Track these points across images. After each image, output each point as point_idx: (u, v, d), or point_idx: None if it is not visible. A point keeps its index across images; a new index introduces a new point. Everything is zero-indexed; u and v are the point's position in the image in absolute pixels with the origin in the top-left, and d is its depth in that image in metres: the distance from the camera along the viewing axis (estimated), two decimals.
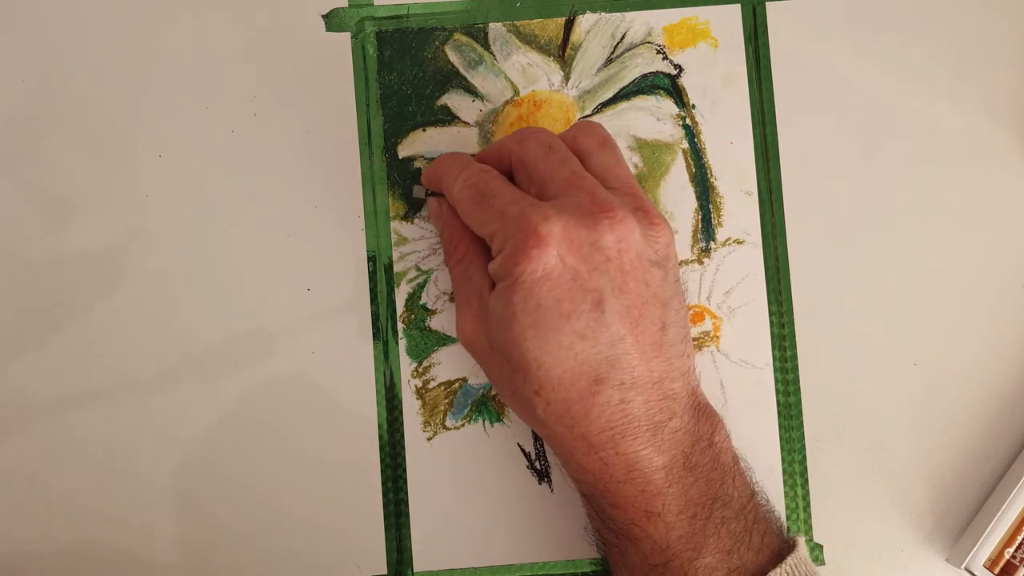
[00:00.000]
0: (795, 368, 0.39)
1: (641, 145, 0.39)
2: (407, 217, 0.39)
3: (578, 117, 0.39)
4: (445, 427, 0.38)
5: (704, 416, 0.33)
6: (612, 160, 0.34)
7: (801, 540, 0.33)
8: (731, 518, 0.32)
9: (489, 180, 0.33)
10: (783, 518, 0.38)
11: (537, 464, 0.38)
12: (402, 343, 0.39)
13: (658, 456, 0.31)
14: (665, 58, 0.39)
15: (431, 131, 0.39)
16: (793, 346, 0.39)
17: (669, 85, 0.39)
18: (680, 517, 0.32)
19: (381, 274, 0.39)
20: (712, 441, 0.33)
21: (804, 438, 0.38)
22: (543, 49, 0.39)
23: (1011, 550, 0.36)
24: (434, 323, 0.39)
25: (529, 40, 0.39)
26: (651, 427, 0.31)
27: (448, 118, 0.39)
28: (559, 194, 0.32)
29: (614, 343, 0.31)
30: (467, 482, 0.38)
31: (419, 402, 0.38)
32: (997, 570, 0.36)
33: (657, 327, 0.32)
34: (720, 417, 0.34)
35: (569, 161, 0.33)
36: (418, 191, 0.39)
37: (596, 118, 0.39)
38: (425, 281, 0.39)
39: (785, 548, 0.33)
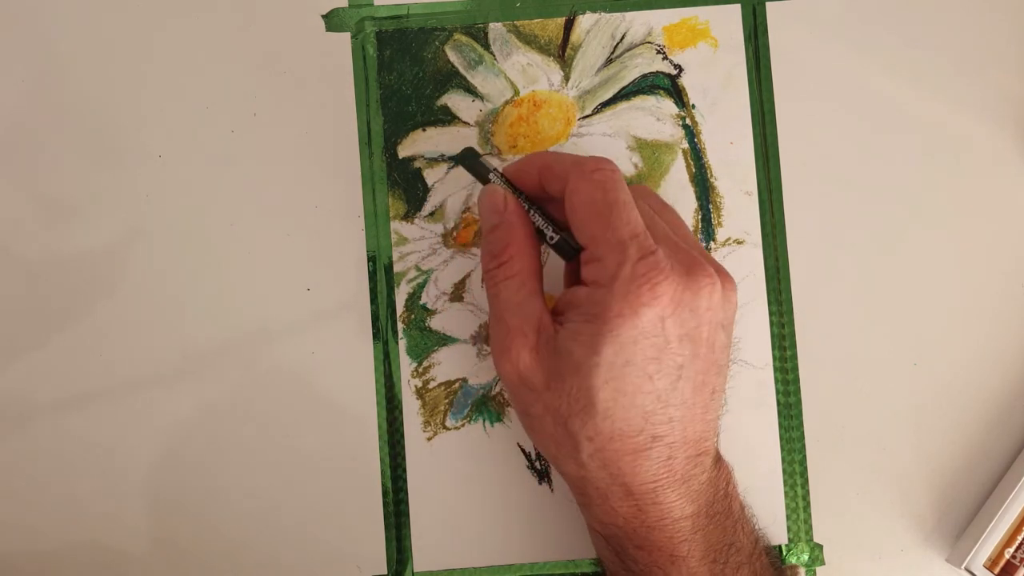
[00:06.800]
0: (795, 368, 0.39)
1: (641, 145, 0.39)
2: (407, 217, 0.39)
3: (578, 117, 0.39)
4: (445, 427, 0.38)
5: (720, 466, 0.34)
6: (678, 220, 0.34)
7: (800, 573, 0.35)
8: (744, 563, 0.33)
9: (622, 192, 0.31)
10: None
11: (537, 464, 0.38)
12: (402, 343, 0.39)
13: (689, 505, 0.32)
14: (665, 58, 0.39)
15: (431, 131, 0.39)
16: (793, 346, 0.39)
17: (669, 85, 0.39)
18: (703, 562, 0.32)
19: (381, 274, 0.39)
20: (727, 491, 0.34)
21: (804, 438, 0.38)
22: (543, 49, 0.39)
23: (1011, 550, 0.36)
24: (434, 323, 0.39)
25: (529, 40, 0.39)
26: (685, 480, 0.32)
27: (448, 118, 0.39)
28: (657, 242, 0.31)
29: (678, 406, 0.31)
30: (467, 482, 0.38)
31: (419, 402, 0.38)
32: (997, 570, 0.36)
33: (709, 392, 0.32)
34: (731, 467, 0.35)
35: (653, 215, 0.32)
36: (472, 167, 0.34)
37: (596, 118, 0.39)
38: (425, 281, 0.39)
39: None
